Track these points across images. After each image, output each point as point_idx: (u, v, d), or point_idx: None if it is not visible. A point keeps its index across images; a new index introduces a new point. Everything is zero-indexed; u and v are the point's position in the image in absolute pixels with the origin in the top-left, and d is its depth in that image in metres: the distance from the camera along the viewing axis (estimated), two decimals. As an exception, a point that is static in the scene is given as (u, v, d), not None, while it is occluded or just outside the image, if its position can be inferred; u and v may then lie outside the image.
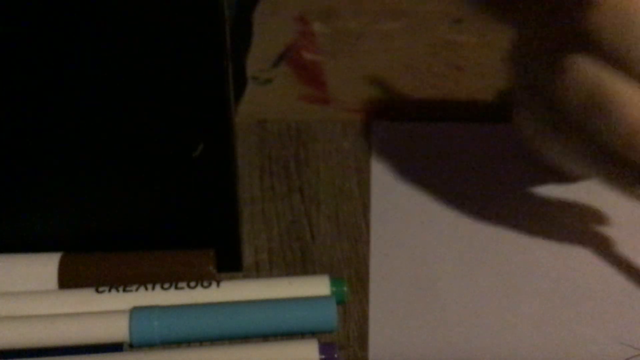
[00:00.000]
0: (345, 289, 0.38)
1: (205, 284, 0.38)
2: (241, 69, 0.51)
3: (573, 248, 0.40)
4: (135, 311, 0.37)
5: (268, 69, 0.52)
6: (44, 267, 0.38)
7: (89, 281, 0.38)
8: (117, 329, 0.36)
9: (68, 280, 0.38)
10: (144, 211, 0.39)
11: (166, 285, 0.38)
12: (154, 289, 0.38)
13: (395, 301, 0.38)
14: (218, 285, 0.38)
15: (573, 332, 0.37)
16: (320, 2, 0.57)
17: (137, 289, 0.38)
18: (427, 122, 0.48)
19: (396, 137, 0.47)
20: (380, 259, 0.40)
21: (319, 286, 0.38)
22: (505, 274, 0.40)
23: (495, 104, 0.49)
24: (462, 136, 0.47)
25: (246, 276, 0.40)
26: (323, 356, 0.35)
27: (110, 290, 0.38)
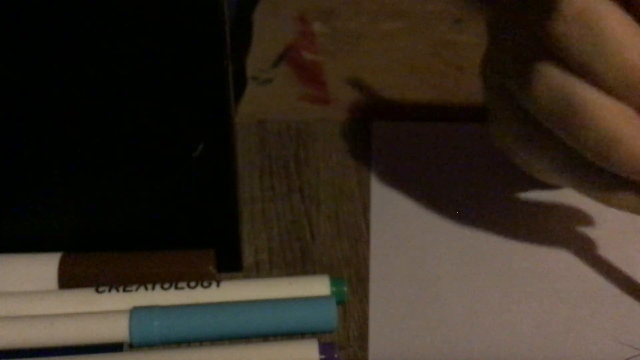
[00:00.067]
0: (345, 289, 0.38)
1: (205, 284, 0.38)
2: (241, 69, 0.51)
3: (574, 248, 0.40)
4: (135, 311, 0.37)
5: (268, 69, 0.52)
6: (44, 267, 0.38)
7: (89, 281, 0.38)
8: (117, 329, 0.36)
9: (68, 280, 0.38)
10: (144, 211, 0.39)
11: (166, 285, 0.38)
12: (154, 289, 0.38)
13: (395, 301, 0.38)
14: (218, 285, 0.38)
15: (573, 332, 0.37)
16: (320, 2, 0.57)
17: (137, 289, 0.38)
18: (427, 122, 0.48)
19: (396, 137, 0.47)
20: (380, 259, 0.40)
21: (319, 286, 0.38)
22: (505, 274, 0.40)
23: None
24: (462, 136, 0.47)
25: (246, 276, 0.40)
26: (323, 356, 0.35)
27: (110, 290, 0.38)
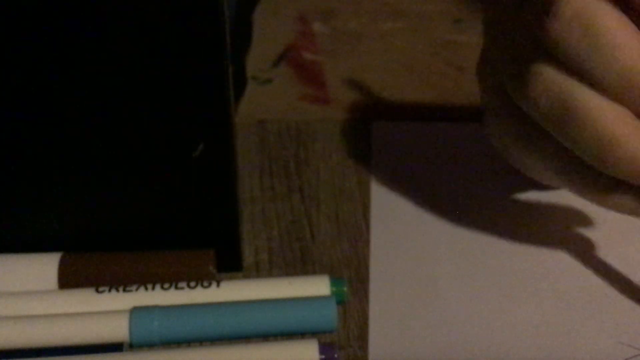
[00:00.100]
0: (345, 289, 0.38)
1: (205, 284, 0.38)
2: (241, 69, 0.51)
3: (575, 248, 0.40)
4: (135, 311, 0.37)
5: (268, 69, 0.52)
6: (44, 267, 0.38)
7: (89, 281, 0.38)
8: (117, 329, 0.36)
9: (68, 280, 0.38)
10: (144, 211, 0.39)
11: (166, 285, 0.38)
12: (154, 289, 0.38)
13: (395, 301, 0.38)
14: (218, 285, 0.38)
15: (573, 332, 0.37)
16: (320, 2, 0.57)
17: (137, 289, 0.38)
18: (427, 122, 0.48)
19: (396, 137, 0.47)
20: (380, 259, 0.40)
21: (319, 286, 0.38)
22: (505, 274, 0.40)
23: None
24: (462, 136, 0.47)
25: (246, 276, 0.40)
26: (323, 356, 0.35)
27: (110, 290, 0.38)
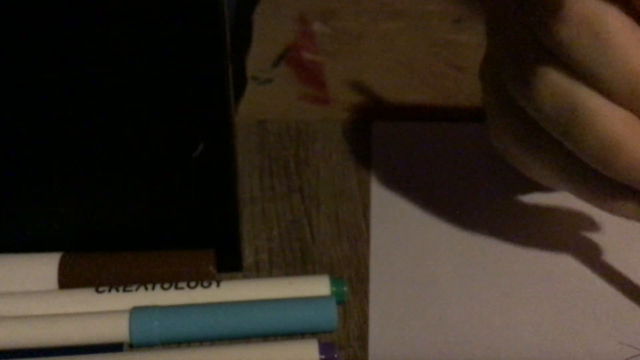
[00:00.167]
0: (345, 289, 0.38)
1: (205, 284, 0.38)
2: (241, 69, 0.51)
3: (575, 248, 0.40)
4: (135, 311, 0.37)
5: (268, 69, 0.52)
6: (44, 267, 0.38)
7: (89, 281, 0.38)
8: (117, 329, 0.36)
9: (68, 280, 0.38)
10: (144, 211, 0.39)
11: (166, 285, 0.38)
12: (154, 289, 0.38)
13: (395, 301, 0.38)
14: (218, 285, 0.38)
15: (573, 332, 0.37)
16: (320, 2, 0.57)
17: (137, 289, 0.38)
18: (427, 122, 0.48)
19: (396, 137, 0.47)
20: (380, 259, 0.40)
21: (319, 286, 0.38)
22: (506, 274, 0.40)
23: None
24: (462, 136, 0.47)
25: (246, 276, 0.40)
26: (323, 356, 0.35)
27: (110, 290, 0.38)
